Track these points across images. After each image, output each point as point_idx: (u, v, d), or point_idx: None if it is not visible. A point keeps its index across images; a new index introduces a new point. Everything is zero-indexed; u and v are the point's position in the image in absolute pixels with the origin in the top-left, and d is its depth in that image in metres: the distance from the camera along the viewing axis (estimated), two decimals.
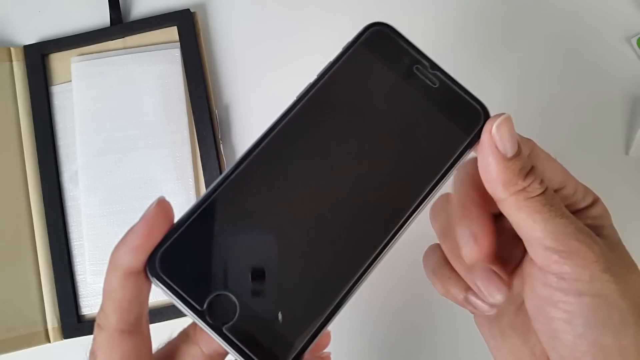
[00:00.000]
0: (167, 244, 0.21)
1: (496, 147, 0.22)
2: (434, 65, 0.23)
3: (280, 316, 0.21)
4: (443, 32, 0.43)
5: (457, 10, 0.43)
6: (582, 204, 0.25)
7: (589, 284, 0.21)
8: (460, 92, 0.23)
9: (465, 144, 0.23)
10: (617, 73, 0.42)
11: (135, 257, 0.21)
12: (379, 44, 0.24)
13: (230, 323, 0.20)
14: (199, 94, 0.42)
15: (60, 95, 0.43)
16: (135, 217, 0.38)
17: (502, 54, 0.43)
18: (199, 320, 0.20)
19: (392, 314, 0.40)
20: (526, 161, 0.22)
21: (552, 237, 0.21)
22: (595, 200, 0.25)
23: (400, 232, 0.22)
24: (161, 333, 0.23)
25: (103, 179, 0.42)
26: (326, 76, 0.23)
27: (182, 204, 0.41)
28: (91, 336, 0.21)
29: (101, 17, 0.44)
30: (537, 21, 0.43)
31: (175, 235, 0.21)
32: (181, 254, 0.21)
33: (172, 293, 0.21)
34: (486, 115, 0.23)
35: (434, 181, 0.22)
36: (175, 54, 0.43)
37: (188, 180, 0.41)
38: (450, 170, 0.22)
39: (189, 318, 0.21)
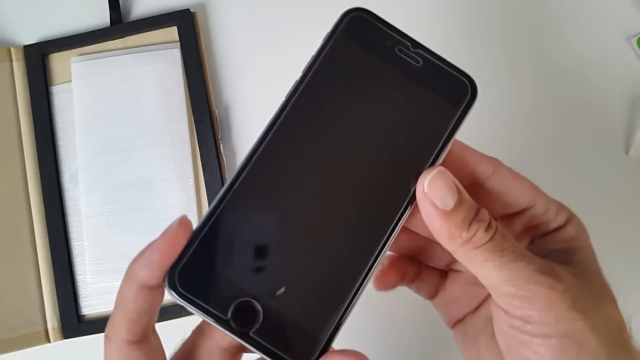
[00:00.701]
0: (185, 260, 0.21)
1: (433, 203, 0.21)
2: (415, 44, 0.23)
3: (302, 312, 0.21)
4: (443, 33, 0.43)
5: (456, 10, 0.43)
6: (554, 224, 0.24)
7: (555, 325, 0.20)
8: (444, 66, 0.23)
9: (457, 117, 0.23)
10: (617, 73, 0.42)
11: (152, 272, 0.21)
12: (358, 30, 0.23)
13: (256, 327, 0.21)
14: (199, 94, 0.42)
15: (60, 95, 0.43)
16: (135, 217, 0.39)
17: (501, 54, 0.43)
18: (225, 329, 0.21)
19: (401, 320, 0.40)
20: (469, 208, 0.22)
21: (509, 283, 0.21)
22: (570, 219, 0.24)
23: (407, 210, 0.22)
24: (161, 333, 0.23)
25: (103, 179, 0.42)
26: (311, 71, 0.23)
27: (182, 204, 0.41)
28: (91, 336, 0.21)
29: (101, 17, 0.44)
30: (536, 21, 0.43)
31: (192, 250, 0.21)
32: (199, 268, 0.21)
33: (196, 307, 0.21)
34: (472, 86, 0.23)
35: (432, 158, 0.22)
36: (175, 54, 0.43)
37: (188, 180, 0.41)
38: (446, 145, 0.23)
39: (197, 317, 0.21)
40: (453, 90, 0.23)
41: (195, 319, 0.22)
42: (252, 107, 0.43)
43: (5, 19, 0.45)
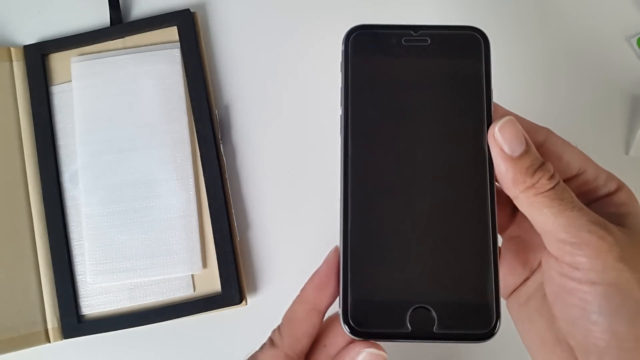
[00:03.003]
0: (349, 299, 0.23)
1: (501, 148, 0.23)
2: (415, 28, 0.25)
3: (464, 289, 0.23)
4: None
5: (456, 10, 0.43)
6: (604, 190, 0.25)
7: (602, 273, 0.22)
8: (448, 32, 0.25)
9: (485, 66, 0.25)
10: (617, 73, 0.42)
11: (320, 296, 0.24)
12: (364, 46, 0.25)
13: (436, 322, 0.23)
14: (199, 94, 0.42)
15: (60, 95, 0.43)
16: (135, 217, 0.40)
17: (501, 54, 0.43)
18: (411, 339, 0.23)
19: None
20: (535, 158, 0.23)
21: (563, 230, 0.22)
22: (620, 187, 0.25)
23: (489, 160, 0.24)
24: (161, 333, 0.23)
25: (103, 179, 0.42)
26: (349, 100, 0.25)
27: (182, 204, 0.41)
28: (91, 336, 0.21)
29: (101, 17, 0.44)
30: (536, 21, 0.43)
31: (349, 287, 0.23)
32: (364, 301, 0.23)
33: (379, 337, 0.23)
34: (482, 35, 0.25)
35: (485, 112, 0.24)
36: (175, 54, 0.43)
37: (188, 180, 0.41)
38: (490, 92, 0.25)
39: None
40: (468, 47, 0.25)
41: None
42: (252, 107, 0.43)
43: (5, 19, 0.45)
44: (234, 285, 0.39)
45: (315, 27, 0.44)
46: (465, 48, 0.25)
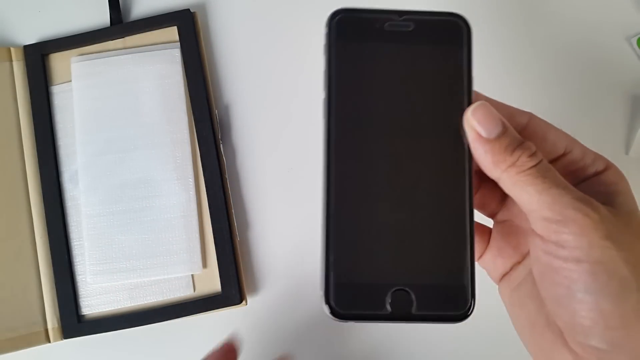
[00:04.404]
0: (330, 284, 0.23)
1: (477, 132, 0.23)
2: (399, 13, 0.25)
3: (441, 271, 0.23)
4: None
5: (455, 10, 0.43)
6: (592, 169, 0.25)
7: (588, 250, 0.21)
8: (431, 17, 0.25)
9: (466, 52, 0.25)
10: (617, 73, 0.42)
11: None
12: (347, 29, 0.25)
13: (414, 304, 0.23)
14: (199, 94, 0.42)
15: (60, 95, 0.43)
16: (135, 217, 0.39)
17: (501, 55, 0.43)
18: (391, 321, 0.23)
19: None
20: (512, 138, 0.23)
21: (547, 208, 0.22)
22: (609, 167, 0.25)
23: (467, 147, 0.24)
24: (161, 333, 0.23)
25: (103, 179, 0.42)
26: (332, 82, 0.25)
27: (182, 204, 0.41)
28: (91, 336, 0.21)
29: (101, 17, 0.44)
30: (536, 22, 0.43)
31: (332, 271, 0.23)
32: (345, 284, 0.23)
33: (360, 319, 0.23)
34: (464, 21, 0.25)
35: (466, 96, 0.24)
36: (175, 54, 0.43)
37: (188, 180, 0.41)
38: (470, 78, 0.25)
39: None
40: (450, 33, 0.25)
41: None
42: (252, 107, 0.43)
43: (5, 19, 0.45)
44: (234, 285, 0.39)
45: (315, 27, 0.44)
46: (447, 34, 0.25)
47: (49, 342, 0.40)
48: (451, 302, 0.23)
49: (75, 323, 0.40)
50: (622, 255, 0.21)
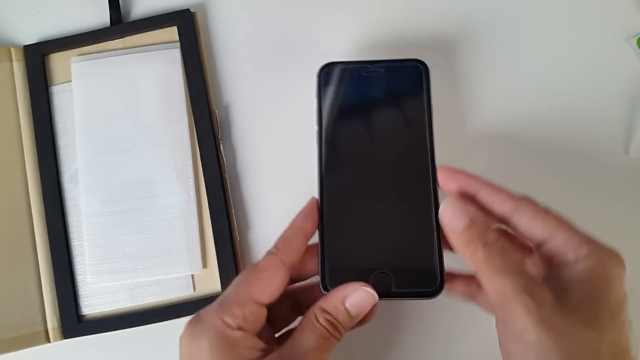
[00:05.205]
0: (325, 270, 0.30)
1: (445, 226, 0.29)
2: (371, 62, 0.34)
3: (414, 256, 0.30)
4: (442, 35, 0.43)
5: (455, 11, 0.43)
6: (572, 256, 0.26)
7: (522, 334, 0.24)
8: (399, 63, 0.34)
9: (425, 91, 0.33)
10: (617, 73, 0.42)
11: (306, 223, 0.30)
12: (332, 77, 0.34)
13: (394, 284, 0.29)
14: (199, 94, 0.42)
15: (60, 95, 0.43)
16: (135, 217, 0.40)
17: (500, 55, 0.43)
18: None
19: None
20: (474, 231, 0.27)
21: (492, 293, 0.26)
22: (592, 253, 0.26)
23: (433, 166, 0.31)
24: (161, 333, 0.23)
25: (103, 179, 0.42)
26: (322, 120, 0.33)
27: (182, 204, 0.41)
28: (91, 336, 0.21)
29: (101, 17, 0.44)
30: (536, 21, 0.43)
31: (325, 262, 0.30)
32: (336, 268, 0.30)
33: None
34: (422, 63, 0.34)
35: (427, 126, 0.32)
36: (175, 54, 0.43)
37: (188, 180, 0.41)
38: (430, 112, 0.32)
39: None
40: (414, 75, 0.34)
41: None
42: (252, 107, 0.43)
43: (5, 19, 0.45)
44: None
45: (316, 27, 0.44)
46: (410, 75, 0.34)
47: (49, 342, 0.40)
48: (424, 281, 0.29)
49: (75, 323, 0.40)
50: (556, 343, 0.23)
